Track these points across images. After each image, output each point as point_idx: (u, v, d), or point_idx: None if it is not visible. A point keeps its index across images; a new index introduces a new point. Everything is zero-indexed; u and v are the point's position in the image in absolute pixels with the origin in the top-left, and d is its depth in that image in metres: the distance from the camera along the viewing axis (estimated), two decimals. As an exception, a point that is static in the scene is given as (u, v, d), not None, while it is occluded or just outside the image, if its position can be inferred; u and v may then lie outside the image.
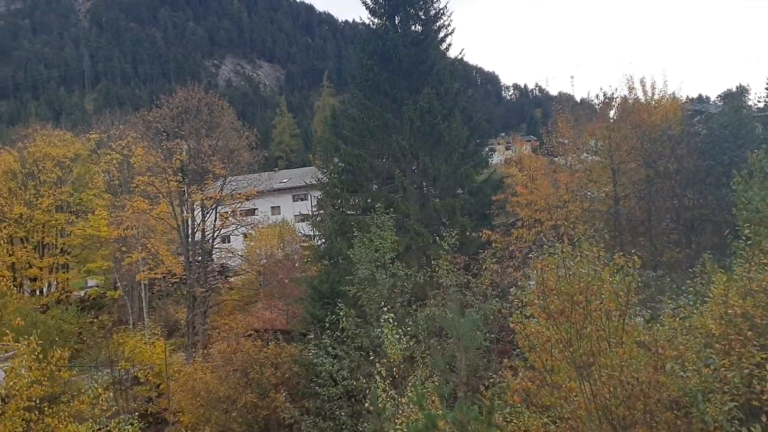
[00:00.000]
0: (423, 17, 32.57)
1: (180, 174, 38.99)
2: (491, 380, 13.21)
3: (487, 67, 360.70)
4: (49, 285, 51.43)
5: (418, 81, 31.08)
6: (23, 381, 10.66)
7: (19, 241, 48.92)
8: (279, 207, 63.54)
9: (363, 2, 32.00)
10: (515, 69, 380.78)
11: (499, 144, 44.46)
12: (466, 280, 20.65)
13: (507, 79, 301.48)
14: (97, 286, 56.57)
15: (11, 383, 10.99)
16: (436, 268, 20.37)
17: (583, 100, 65.89)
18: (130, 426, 12.03)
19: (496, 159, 42.86)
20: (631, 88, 33.15)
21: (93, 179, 53.63)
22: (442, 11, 32.52)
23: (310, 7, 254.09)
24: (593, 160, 32.70)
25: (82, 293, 55.81)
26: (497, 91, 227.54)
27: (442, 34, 32.78)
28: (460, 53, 47.93)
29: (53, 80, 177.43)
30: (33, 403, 12.42)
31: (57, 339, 35.28)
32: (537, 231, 27.02)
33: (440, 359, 11.24)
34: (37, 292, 50.08)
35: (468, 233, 28.73)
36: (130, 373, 35.75)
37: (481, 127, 35.62)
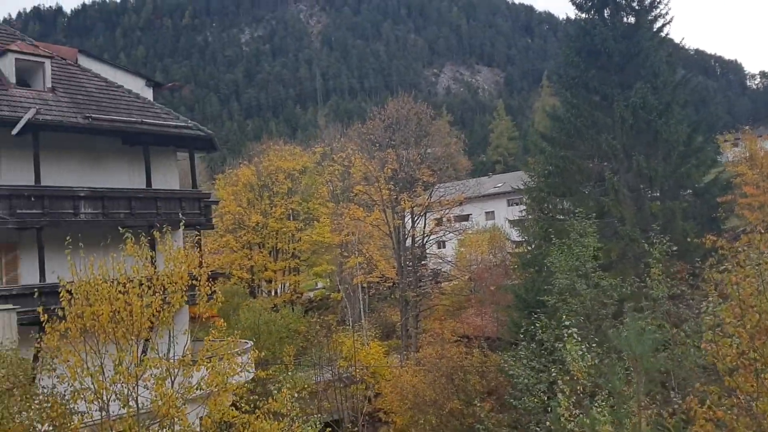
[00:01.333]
0: (636, 7, 30.46)
1: (391, 182, 40.45)
2: (675, 407, 11.70)
3: (728, 56, 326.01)
4: (282, 286, 56.29)
5: (630, 75, 29.04)
6: (220, 378, 11.54)
7: (257, 247, 54.14)
8: (493, 212, 62.97)
9: (568, -3, 30.70)
10: (763, 55, 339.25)
11: (725, 141, 39.64)
12: (680, 291, 18.63)
13: (752, 66, 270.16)
14: (323, 288, 60.90)
15: (212, 380, 11.93)
16: (646, 278, 18.68)
17: None
18: (310, 428, 12.64)
19: (729, 156, 38.47)
20: None
21: (318, 189, 57.84)
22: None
23: (530, 8, 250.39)
24: None
25: (311, 294, 60.40)
26: (741, 81, 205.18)
27: (659, 24, 30.40)
28: (681, 41, 43.97)
29: (290, 99, 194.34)
30: (236, 399, 13.50)
31: (285, 337, 38.64)
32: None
33: (616, 380, 10.18)
34: (272, 293, 55.07)
35: (690, 239, 26.09)
36: (348, 372, 37.78)
37: (707, 121, 32.33)
